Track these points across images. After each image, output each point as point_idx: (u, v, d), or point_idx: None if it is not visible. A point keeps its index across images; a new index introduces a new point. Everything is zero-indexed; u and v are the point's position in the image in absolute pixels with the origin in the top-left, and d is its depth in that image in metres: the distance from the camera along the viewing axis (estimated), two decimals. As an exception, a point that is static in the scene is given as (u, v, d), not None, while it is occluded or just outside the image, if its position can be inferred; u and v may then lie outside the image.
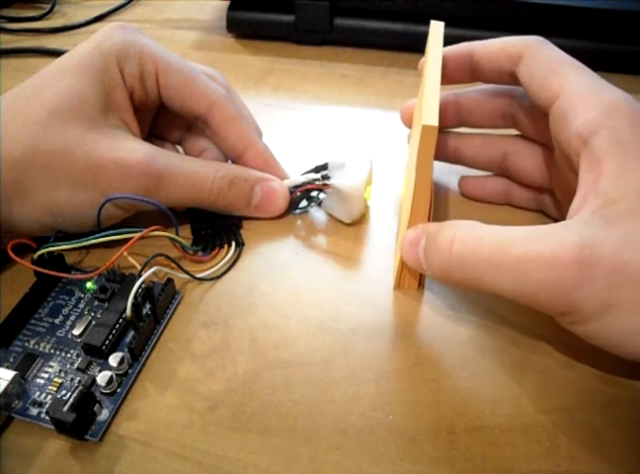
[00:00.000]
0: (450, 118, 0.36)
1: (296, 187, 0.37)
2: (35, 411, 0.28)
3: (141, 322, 0.30)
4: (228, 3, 0.56)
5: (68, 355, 0.30)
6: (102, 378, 0.28)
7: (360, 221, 0.37)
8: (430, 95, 0.28)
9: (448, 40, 0.51)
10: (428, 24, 0.51)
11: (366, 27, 0.53)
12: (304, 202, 0.37)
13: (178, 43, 0.56)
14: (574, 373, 0.29)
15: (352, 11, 0.53)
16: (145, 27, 0.59)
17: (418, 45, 0.53)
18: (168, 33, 0.59)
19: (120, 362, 0.29)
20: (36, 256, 0.31)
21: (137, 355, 0.30)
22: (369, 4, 0.52)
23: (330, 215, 0.37)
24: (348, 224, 0.37)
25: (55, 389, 0.29)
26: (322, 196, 0.37)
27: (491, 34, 0.50)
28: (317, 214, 0.38)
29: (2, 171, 0.30)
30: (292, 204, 0.37)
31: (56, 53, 0.54)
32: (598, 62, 0.49)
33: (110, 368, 0.29)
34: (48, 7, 0.62)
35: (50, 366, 0.29)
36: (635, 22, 0.47)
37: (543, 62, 0.30)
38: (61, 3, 0.64)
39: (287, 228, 0.37)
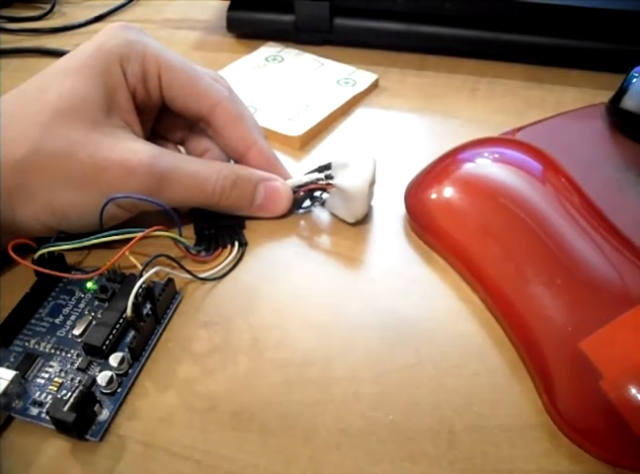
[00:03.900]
0: None
1: (299, 186, 0.37)
2: (35, 411, 0.28)
3: (142, 322, 0.30)
4: (228, 3, 0.56)
5: (68, 355, 0.30)
6: (102, 378, 0.28)
7: (362, 221, 0.37)
8: None
9: (448, 41, 0.52)
10: (428, 24, 0.52)
11: (367, 27, 0.53)
12: (307, 202, 0.37)
13: (178, 43, 0.56)
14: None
15: (352, 11, 0.53)
16: (145, 27, 0.59)
17: (418, 46, 0.53)
18: (168, 33, 0.59)
19: (121, 362, 0.29)
20: (36, 256, 0.31)
21: (138, 354, 0.30)
22: (370, 4, 0.52)
23: (333, 215, 0.37)
24: (351, 224, 0.37)
25: (56, 389, 0.29)
26: (325, 195, 0.37)
27: (491, 34, 0.51)
28: (320, 214, 0.38)
29: (5, 172, 0.30)
30: (296, 204, 0.37)
31: (56, 53, 0.54)
32: (598, 62, 0.50)
33: (110, 368, 0.29)
34: (48, 7, 0.62)
35: (51, 366, 0.29)
36: (635, 22, 0.47)
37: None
38: (61, 3, 0.64)
39: (290, 228, 0.37)
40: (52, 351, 0.30)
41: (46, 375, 0.29)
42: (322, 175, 0.36)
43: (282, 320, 0.32)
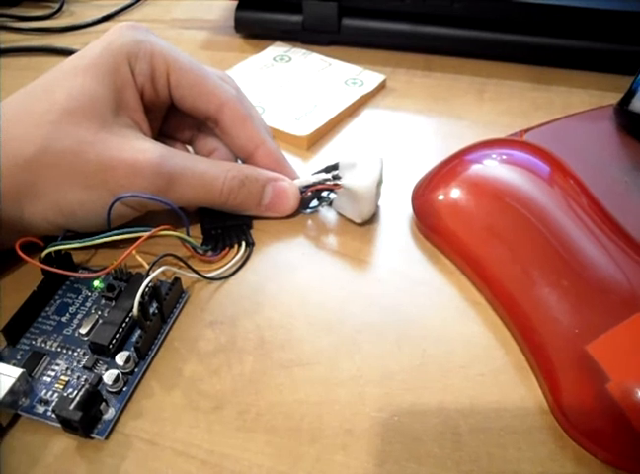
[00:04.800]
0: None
1: (307, 186, 0.37)
2: (41, 409, 0.28)
3: (148, 321, 0.30)
4: (236, 3, 0.56)
5: (75, 354, 0.30)
6: (108, 377, 0.28)
7: (370, 221, 0.37)
8: None
9: (456, 42, 0.52)
10: (436, 24, 0.52)
11: (374, 27, 0.53)
12: (315, 202, 0.38)
13: (186, 43, 0.56)
14: (580, 376, 0.29)
15: (359, 11, 0.53)
16: (153, 26, 0.59)
17: (425, 46, 0.53)
18: (176, 32, 0.59)
19: (127, 361, 0.29)
20: (43, 254, 0.31)
21: (144, 353, 0.30)
22: (377, 4, 0.52)
23: (340, 215, 0.37)
24: (358, 224, 0.37)
25: (62, 387, 0.29)
26: (332, 195, 0.37)
27: (498, 34, 0.51)
28: (328, 214, 0.38)
29: (13, 171, 0.30)
30: (303, 204, 0.37)
31: (65, 52, 0.55)
32: (606, 64, 0.49)
33: (116, 367, 0.29)
34: (57, 6, 0.62)
35: (57, 364, 0.30)
36: (635, 22, 0.47)
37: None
38: (70, 2, 0.64)
39: (297, 228, 0.37)
40: (59, 349, 0.30)
41: (53, 373, 0.29)
42: (329, 175, 0.36)
43: (289, 320, 0.32)
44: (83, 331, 0.31)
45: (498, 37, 0.51)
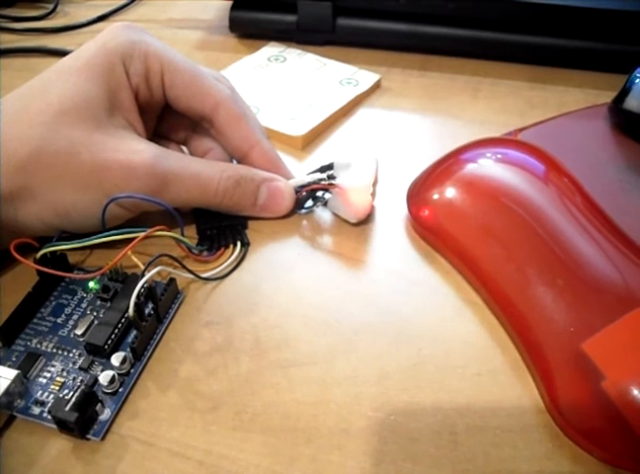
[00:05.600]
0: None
1: (302, 186, 0.37)
2: (37, 410, 0.28)
3: (144, 321, 0.30)
4: (231, 3, 0.56)
5: (70, 355, 0.30)
6: (104, 378, 0.28)
7: (365, 221, 0.37)
8: None
9: (451, 41, 0.52)
10: (431, 24, 0.52)
11: (369, 27, 0.53)
12: (310, 202, 0.37)
13: (180, 43, 0.56)
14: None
15: (354, 11, 0.53)
16: (148, 26, 0.59)
17: (421, 46, 0.53)
18: (171, 32, 0.59)
19: (123, 362, 0.29)
20: (38, 255, 0.31)
21: (139, 354, 0.30)
22: (372, 4, 0.52)
23: (335, 215, 0.37)
24: (353, 224, 0.37)
25: (58, 388, 0.29)
26: (327, 195, 0.37)
27: (494, 34, 0.51)
28: (322, 214, 0.38)
29: (8, 172, 0.30)
30: (298, 204, 0.37)
31: (59, 53, 0.55)
32: (601, 63, 0.50)
33: (112, 368, 0.29)
34: (51, 7, 0.62)
35: (53, 366, 0.30)
36: (631, 21, 0.47)
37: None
38: (64, 3, 0.64)
39: (293, 228, 0.37)
40: (54, 350, 0.30)
41: (48, 375, 0.29)
42: (324, 175, 0.36)
43: (284, 320, 0.32)
44: (78, 332, 0.30)
45: (494, 36, 0.51)
